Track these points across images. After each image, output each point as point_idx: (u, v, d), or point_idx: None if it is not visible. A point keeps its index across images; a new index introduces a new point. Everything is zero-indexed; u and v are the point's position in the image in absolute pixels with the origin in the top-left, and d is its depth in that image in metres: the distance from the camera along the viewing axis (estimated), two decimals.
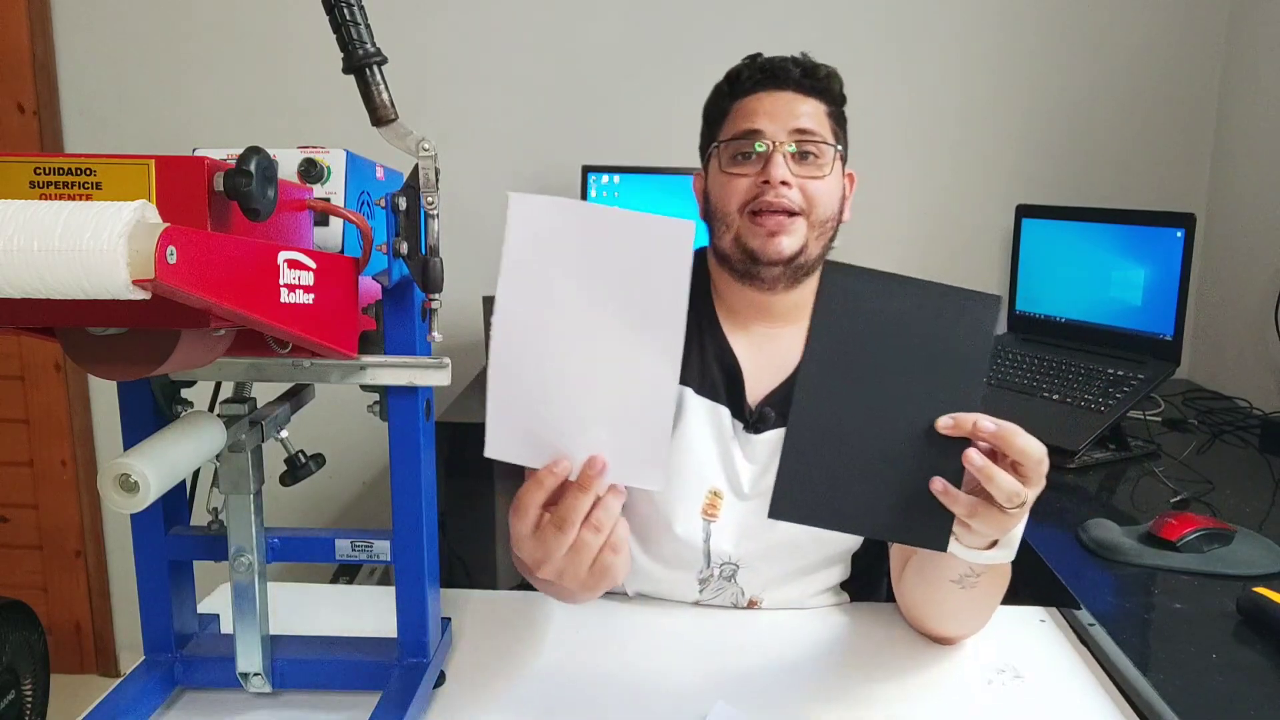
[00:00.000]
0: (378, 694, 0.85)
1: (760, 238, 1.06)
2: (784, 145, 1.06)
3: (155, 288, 0.49)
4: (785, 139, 1.06)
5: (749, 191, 1.06)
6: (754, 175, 1.06)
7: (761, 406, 1.09)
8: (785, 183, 1.05)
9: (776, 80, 1.09)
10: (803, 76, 1.09)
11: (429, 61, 2.15)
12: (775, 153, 1.05)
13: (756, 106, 1.08)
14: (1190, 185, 2.15)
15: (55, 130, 2.21)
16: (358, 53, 0.72)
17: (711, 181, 1.12)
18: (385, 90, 0.74)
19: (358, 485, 2.36)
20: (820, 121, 1.09)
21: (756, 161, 1.07)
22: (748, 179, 1.06)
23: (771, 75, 1.09)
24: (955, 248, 2.20)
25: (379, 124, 0.74)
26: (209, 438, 0.76)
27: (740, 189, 1.07)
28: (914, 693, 0.94)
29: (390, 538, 0.88)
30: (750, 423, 1.08)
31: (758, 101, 1.09)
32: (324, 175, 0.74)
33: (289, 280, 0.64)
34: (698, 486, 1.07)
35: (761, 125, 1.07)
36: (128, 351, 0.60)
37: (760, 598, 1.10)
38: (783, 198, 1.04)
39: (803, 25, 2.12)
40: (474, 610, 1.08)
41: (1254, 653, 0.96)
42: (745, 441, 1.08)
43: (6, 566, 2.38)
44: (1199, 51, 2.11)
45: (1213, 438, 1.72)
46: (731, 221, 1.08)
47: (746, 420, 1.09)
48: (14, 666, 0.80)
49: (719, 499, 1.07)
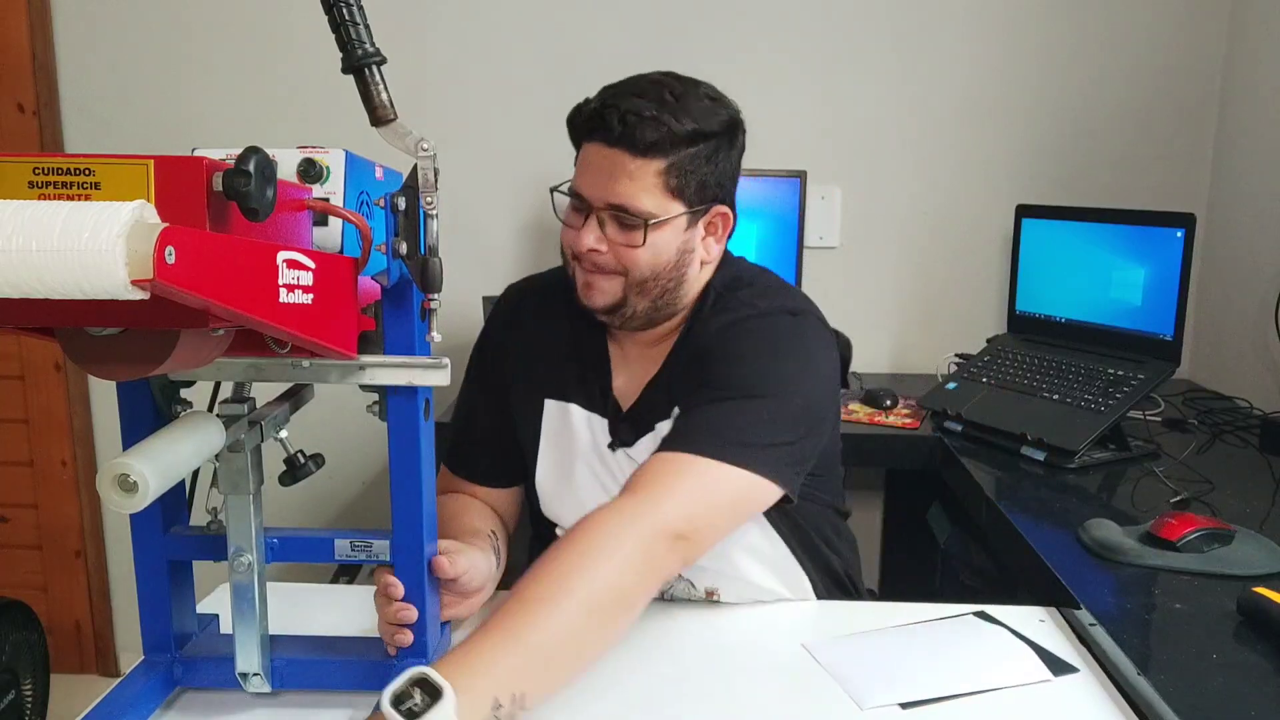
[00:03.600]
0: (377, 694, 0.85)
1: (580, 284, 1.11)
2: (601, 211, 1.07)
3: (154, 288, 0.49)
4: (602, 207, 1.07)
5: (574, 242, 1.09)
6: (577, 229, 1.09)
7: (619, 425, 1.14)
8: (594, 249, 1.08)
9: (602, 135, 1.06)
10: (623, 136, 1.04)
11: (429, 62, 2.15)
12: (591, 218, 1.08)
13: (586, 162, 1.09)
14: (1190, 185, 2.15)
15: (55, 130, 2.21)
16: (356, 52, 0.72)
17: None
18: (384, 90, 0.74)
19: (358, 485, 2.36)
20: (645, 186, 1.05)
21: (577, 211, 1.10)
22: (572, 231, 1.10)
23: (598, 128, 1.06)
24: (955, 248, 2.20)
25: (378, 124, 0.74)
26: (208, 438, 0.76)
27: (569, 237, 1.11)
28: (912, 694, 0.93)
29: (390, 537, 0.88)
30: (616, 442, 1.14)
31: (587, 155, 1.08)
32: (323, 175, 0.74)
33: (288, 280, 0.64)
34: (595, 497, 1.10)
35: (584, 189, 1.08)
36: (127, 351, 0.60)
37: (714, 588, 1.11)
38: (592, 260, 1.08)
39: (803, 26, 2.12)
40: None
41: (1254, 653, 0.96)
42: (614, 463, 1.13)
43: (6, 566, 2.38)
44: (1200, 51, 2.11)
45: (1213, 438, 1.71)
46: (569, 264, 1.13)
47: (613, 435, 1.14)
48: (14, 666, 0.80)
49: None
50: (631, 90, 1.06)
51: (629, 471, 1.03)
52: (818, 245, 2.13)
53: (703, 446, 0.98)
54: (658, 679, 0.96)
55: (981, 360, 1.88)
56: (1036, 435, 1.58)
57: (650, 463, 0.99)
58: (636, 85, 1.08)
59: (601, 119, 1.05)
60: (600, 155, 1.06)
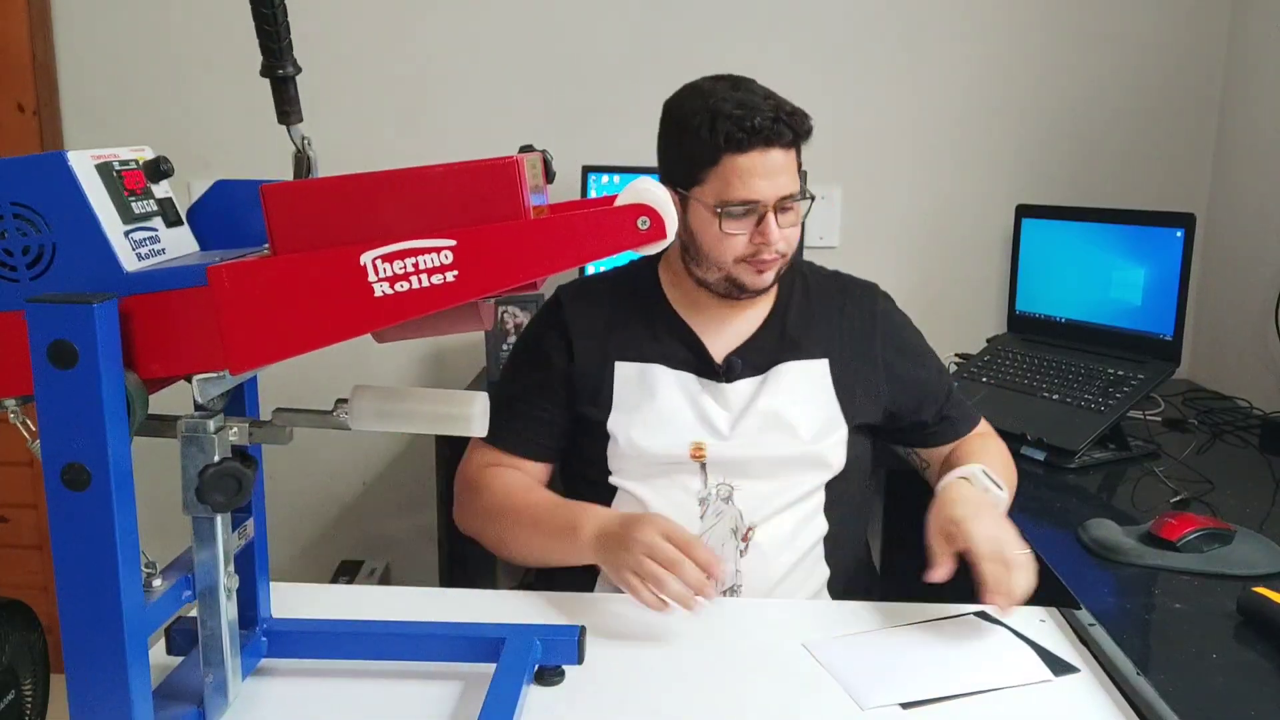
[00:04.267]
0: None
1: (751, 276, 1.21)
2: (771, 208, 1.17)
3: None
4: (774, 203, 1.17)
5: (745, 248, 1.18)
6: (748, 233, 1.18)
7: (729, 359, 1.25)
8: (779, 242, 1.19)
9: (767, 140, 1.14)
10: (793, 136, 1.16)
11: (429, 62, 2.15)
12: (769, 215, 1.17)
13: (750, 169, 1.15)
14: (1190, 185, 2.15)
15: (55, 130, 2.21)
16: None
17: (699, 224, 1.20)
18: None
19: (358, 485, 2.36)
20: (796, 173, 1.19)
21: (748, 218, 1.17)
22: (743, 236, 1.18)
23: (764, 138, 1.14)
24: (955, 248, 2.20)
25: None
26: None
27: (737, 246, 1.18)
28: (913, 692, 0.93)
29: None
30: (721, 373, 1.24)
31: (750, 163, 1.15)
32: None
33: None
34: (680, 443, 1.21)
35: (758, 193, 1.16)
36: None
37: (754, 525, 1.20)
38: (774, 250, 1.18)
39: (803, 25, 2.12)
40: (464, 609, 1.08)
41: (1254, 653, 0.96)
42: (717, 392, 1.24)
43: (6, 566, 2.38)
44: (1200, 51, 2.11)
45: (1213, 438, 1.71)
46: (724, 266, 1.20)
47: (717, 374, 1.24)
48: (14, 666, 0.80)
49: (703, 446, 1.21)
50: (762, 94, 1.17)
51: (724, 401, 1.23)
52: (818, 245, 2.13)
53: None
54: (657, 678, 0.96)
55: (981, 360, 1.88)
56: (1036, 435, 1.58)
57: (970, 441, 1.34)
58: (754, 88, 1.18)
59: (768, 131, 1.14)
60: (765, 159, 1.15)
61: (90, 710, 0.71)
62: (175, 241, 0.80)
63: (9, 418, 0.77)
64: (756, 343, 1.27)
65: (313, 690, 0.92)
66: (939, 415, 1.34)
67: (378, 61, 2.14)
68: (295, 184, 0.72)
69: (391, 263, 0.68)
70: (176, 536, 0.82)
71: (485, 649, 0.93)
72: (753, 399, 1.24)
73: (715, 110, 1.15)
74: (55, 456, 0.68)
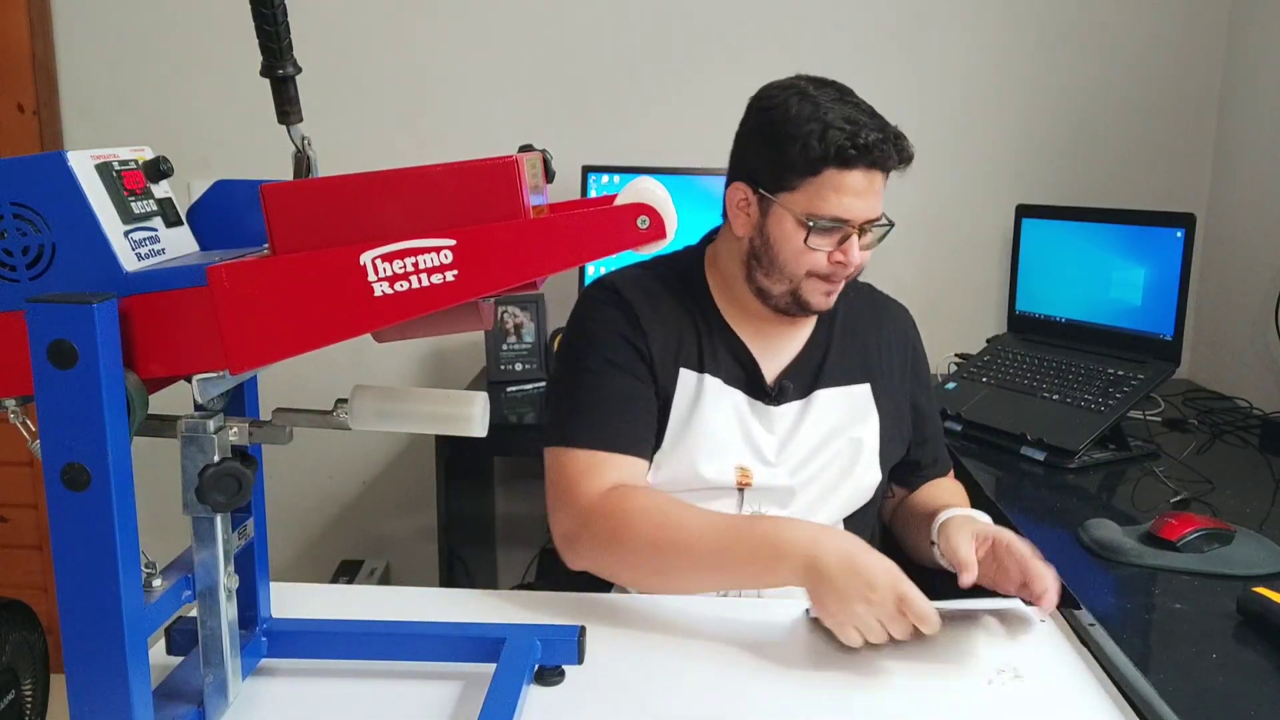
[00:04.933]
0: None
1: (819, 295, 1.18)
2: (857, 229, 1.14)
3: None
4: (864, 223, 1.15)
5: (823, 265, 1.15)
6: (830, 250, 1.14)
7: (780, 381, 1.21)
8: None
9: (873, 162, 1.12)
10: (897, 162, 1.14)
11: (429, 62, 2.15)
12: (854, 236, 1.14)
13: (849, 187, 1.12)
14: (1190, 185, 2.15)
15: (55, 130, 2.21)
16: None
17: (779, 232, 1.15)
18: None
19: (358, 485, 2.36)
20: (882, 198, 1.16)
21: (833, 235, 1.14)
22: (823, 253, 1.14)
23: (871, 158, 1.11)
24: (955, 248, 2.20)
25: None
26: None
27: (817, 261, 1.15)
28: (914, 692, 0.94)
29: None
30: (772, 396, 1.20)
31: (852, 181, 1.12)
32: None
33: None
34: (725, 465, 1.17)
35: (852, 213, 1.13)
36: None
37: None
38: (848, 273, 1.17)
39: (804, 25, 2.12)
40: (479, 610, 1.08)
41: (1254, 653, 0.96)
42: (764, 415, 1.20)
43: (6, 566, 2.38)
44: (1200, 51, 2.11)
45: (1213, 438, 1.71)
46: (795, 278, 1.17)
47: (768, 395, 1.21)
48: (14, 666, 0.80)
49: (749, 473, 1.18)
50: (868, 111, 1.13)
51: (769, 425, 1.20)
52: None
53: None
54: (657, 678, 0.96)
55: (981, 360, 1.88)
56: (1036, 435, 1.58)
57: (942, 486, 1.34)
58: (860, 103, 1.14)
59: (878, 155, 1.11)
60: (866, 182, 1.12)
61: (90, 710, 0.71)
62: (175, 241, 0.80)
63: (9, 418, 0.77)
64: (801, 364, 1.24)
65: (313, 690, 0.92)
66: (934, 456, 1.35)
67: (378, 61, 2.14)
68: (295, 184, 0.71)
69: (391, 262, 0.68)
70: (176, 536, 0.82)
71: (485, 649, 0.93)
72: (796, 424, 1.21)
73: (827, 121, 1.10)
74: (55, 456, 0.68)
